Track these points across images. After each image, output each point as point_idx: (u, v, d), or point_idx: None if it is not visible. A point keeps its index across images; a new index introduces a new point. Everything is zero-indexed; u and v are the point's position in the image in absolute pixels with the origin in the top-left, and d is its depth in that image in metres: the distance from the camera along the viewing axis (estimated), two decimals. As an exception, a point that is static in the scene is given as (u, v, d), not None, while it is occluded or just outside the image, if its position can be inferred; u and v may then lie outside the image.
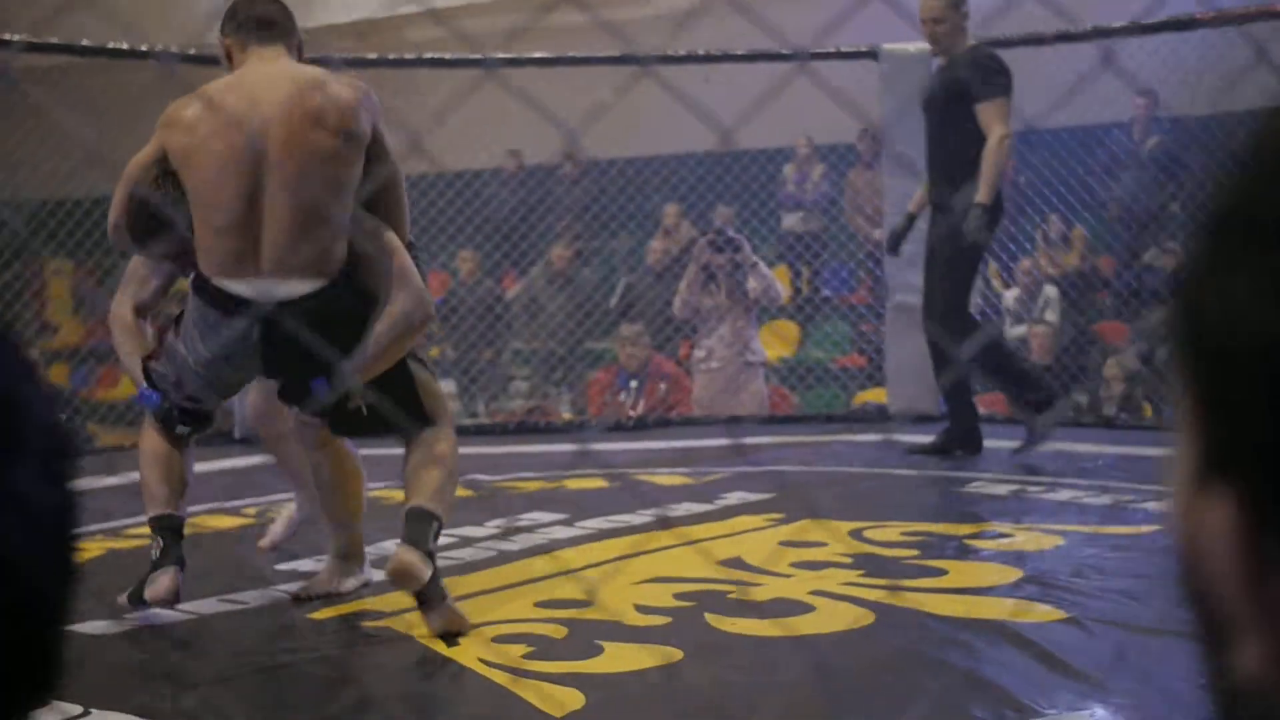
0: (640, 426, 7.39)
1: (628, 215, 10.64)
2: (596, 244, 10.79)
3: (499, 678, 3.21)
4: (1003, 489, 5.24)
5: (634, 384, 7.96)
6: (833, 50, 7.34)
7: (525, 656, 3.37)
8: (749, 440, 6.74)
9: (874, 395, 9.00)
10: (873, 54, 7.17)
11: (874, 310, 9.52)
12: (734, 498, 5.22)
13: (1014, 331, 9.38)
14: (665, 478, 5.73)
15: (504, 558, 4.40)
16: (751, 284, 7.55)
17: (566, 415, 8.70)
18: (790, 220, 10.68)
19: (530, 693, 3.09)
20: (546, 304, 10.36)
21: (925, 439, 6.20)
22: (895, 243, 6.51)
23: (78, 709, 2.94)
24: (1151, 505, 4.87)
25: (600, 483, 5.69)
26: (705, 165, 10.09)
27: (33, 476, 0.63)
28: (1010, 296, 9.57)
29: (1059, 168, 8.74)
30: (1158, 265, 9.16)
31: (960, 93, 5.80)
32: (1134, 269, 9.32)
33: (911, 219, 6.40)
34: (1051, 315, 9.35)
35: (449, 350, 10.21)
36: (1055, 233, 9.63)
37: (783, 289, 8.06)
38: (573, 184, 11.13)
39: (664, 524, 4.62)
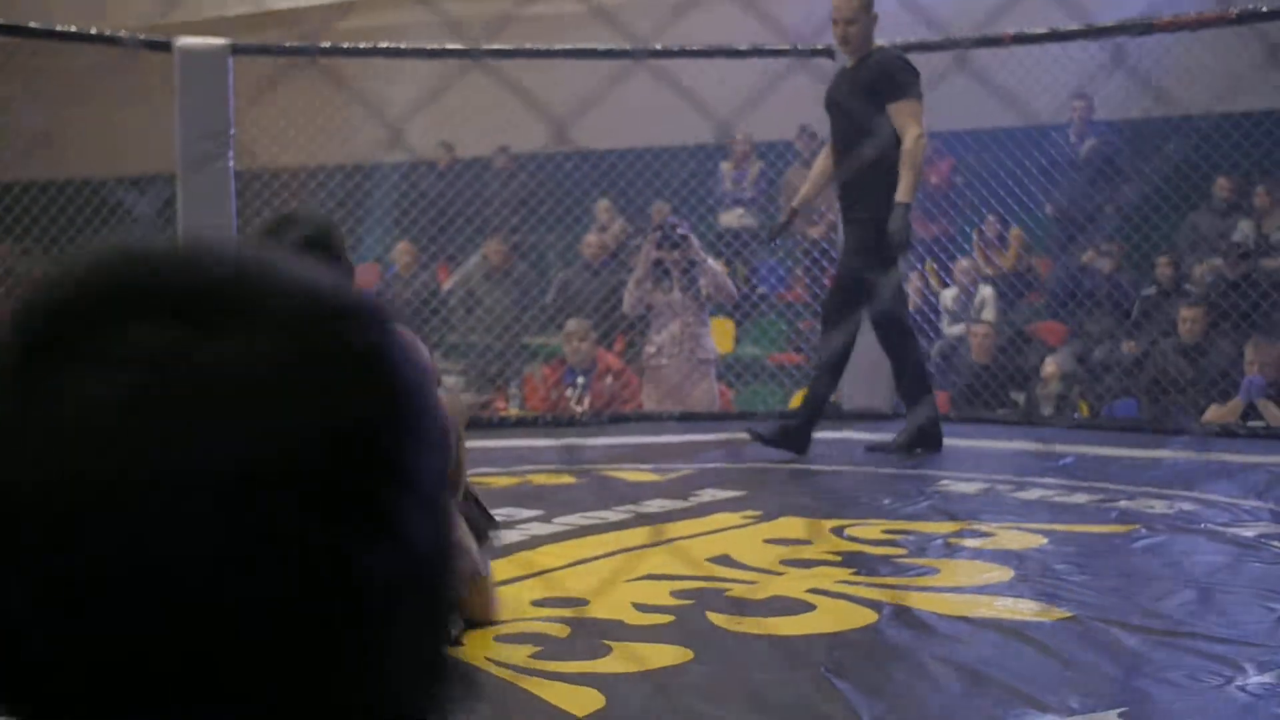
0: (595, 422, 7.34)
1: (563, 210, 10.61)
2: (532, 239, 10.74)
3: (512, 678, 3.17)
4: (972, 487, 5.27)
5: (580, 380, 7.92)
6: (789, 48, 7.34)
7: (533, 656, 3.33)
8: (707, 436, 6.72)
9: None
10: (829, 52, 7.17)
11: (810, 308, 9.56)
12: (707, 495, 5.20)
13: (951, 330, 9.46)
14: (632, 474, 5.70)
15: (487, 553, 4.34)
16: (703, 281, 7.54)
17: (515, 411, 8.64)
18: (728, 217, 10.69)
19: (548, 693, 3.05)
20: (483, 298, 10.30)
21: (884, 437, 6.22)
22: (774, 235, 6.58)
23: None
24: (1124, 504, 4.91)
25: (568, 479, 5.65)
26: (640, 161, 10.05)
27: (435, 471, 0.60)
28: (948, 296, 9.64)
29: (999, 169, 8.82)
30: (1094, 266, 9.26)
31: (871, 93, 5.84)
32: (1070, 270, 9.42)
33: (794, 213, 6.43)
34: (988, 315, 9.43)
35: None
36: (992, 233, 9.72)
37: (732, 285, 8.05)
38: (506, 178, 11.08)
39: (649, 527, 4.58)
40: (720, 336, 10.01)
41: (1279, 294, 8.30)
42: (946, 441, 6.16)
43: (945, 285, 9.68)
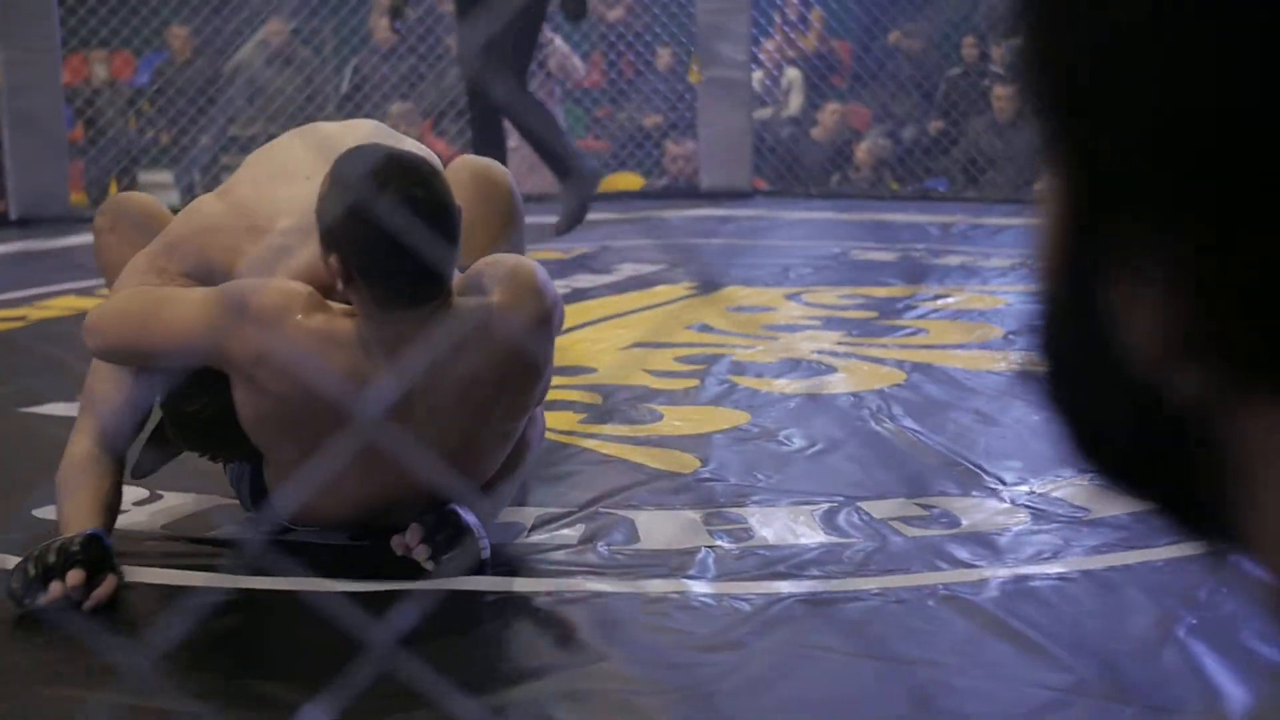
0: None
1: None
2: (314, 23, 10.20)
3: (586, 444, 3.03)
4: (889, 255, 5.26)
5: (407, 165, 7.60)
6: None
7: (583, 422, 3.19)
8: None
9: (617, 179, 8.90)
10: None
11: (608, 94, 9.40)
12: (628, 269, 5.06)
13: (759, 114, 9.41)
14: (530, 252, 5.47)
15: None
16: (551, 62, 7.29)
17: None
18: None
19: (640, 456, 2.93)
20: (265, 86, 9.77)
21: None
22: (397, 13, 6.11)
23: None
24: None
25: (466, 259, 5.41)
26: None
27: None
28: (753, 79, 9.57)
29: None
30: (900, 47, 9.31)
31: None
32: (874, 52, 9.45)
33: None
34: (796, 98, 9.41)
35: (162, 136, 9.57)
36: (794, 14, 9.66)
37: (582, 65, 7.81)
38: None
39: (600, 300, 4.42)
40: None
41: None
42: (817, 214, 6.14)
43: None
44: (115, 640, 2.09)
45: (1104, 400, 0.41)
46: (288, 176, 2.38)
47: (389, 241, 2.09)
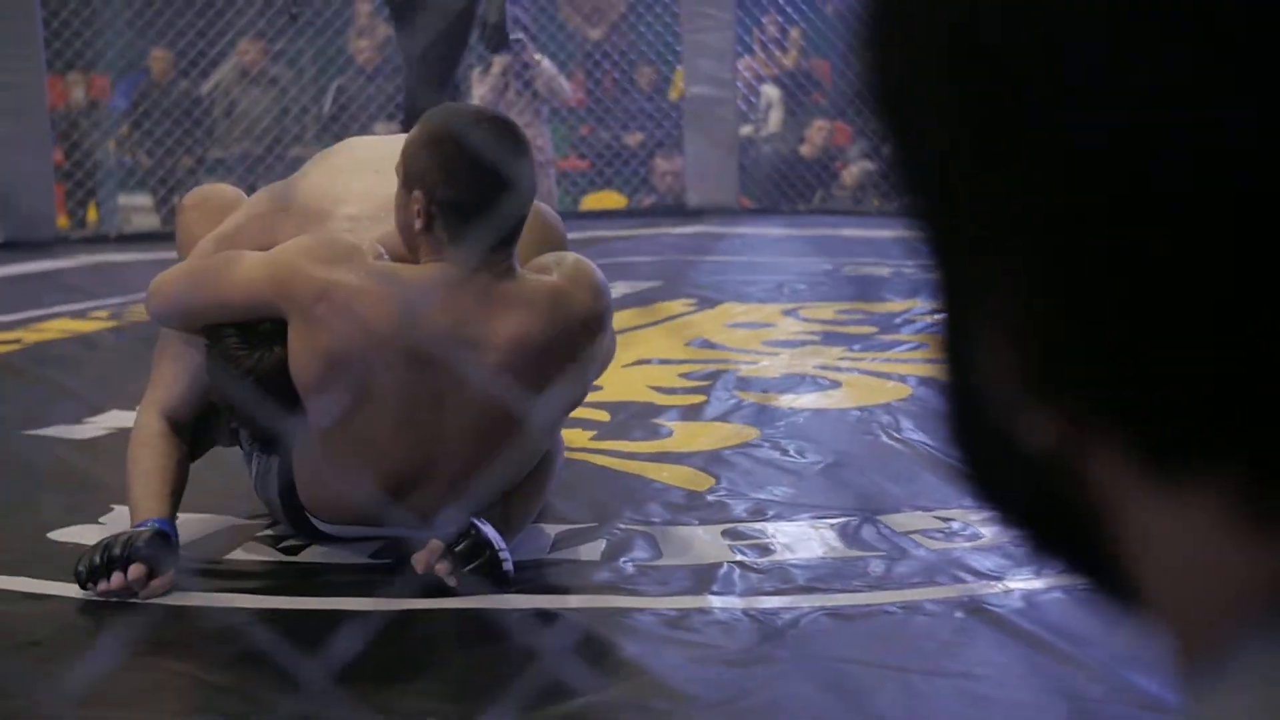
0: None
1: (321, 20, 10.07)
2: (299, 44, 10.19)
3: (599, 460, 3.03)
4: (883, 270, 5.27)
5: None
6: None
7: (594, 439, 3.19)
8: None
9: (600, 198, 8.92)
10: None
11: (594, 113, 9.41)
12: (623, 286, 5.05)
13: (740, 130, 9.43)
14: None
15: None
16: (539, 83, 7.30)
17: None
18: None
19: (655, 473, 2.93)
20: (249, 109, 9.76)
21: None
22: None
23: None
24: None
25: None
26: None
27: None
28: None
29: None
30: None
31: None
32: (857, 69, 9.48)
33: None
34: (776, 115, 9.43)
35: (144, 158, 9.54)
36: (774, 29, 9.69)
37: (569, 86, 7.83)
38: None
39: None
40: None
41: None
42: (806, 231, 6.16)
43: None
44: (141, 663, 2.08)
45: (981, 445, 0.40)
46: (356, 169, 2.49)
47: (474, 167, 2.18)
